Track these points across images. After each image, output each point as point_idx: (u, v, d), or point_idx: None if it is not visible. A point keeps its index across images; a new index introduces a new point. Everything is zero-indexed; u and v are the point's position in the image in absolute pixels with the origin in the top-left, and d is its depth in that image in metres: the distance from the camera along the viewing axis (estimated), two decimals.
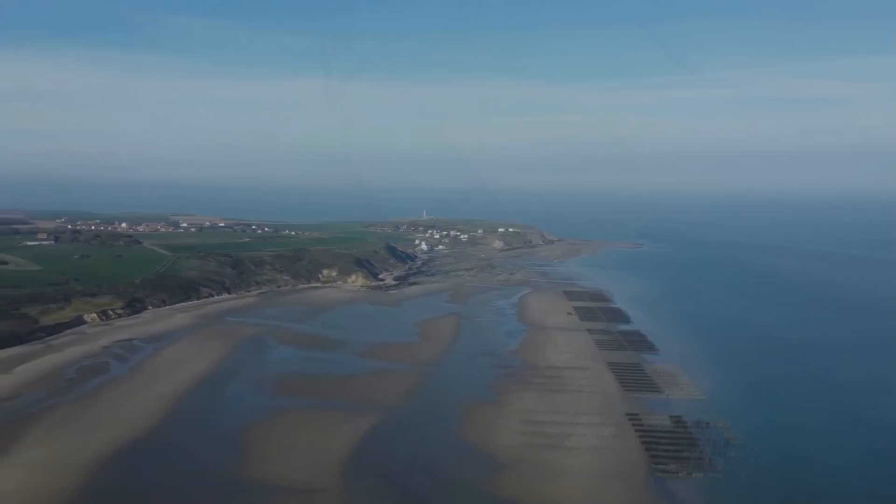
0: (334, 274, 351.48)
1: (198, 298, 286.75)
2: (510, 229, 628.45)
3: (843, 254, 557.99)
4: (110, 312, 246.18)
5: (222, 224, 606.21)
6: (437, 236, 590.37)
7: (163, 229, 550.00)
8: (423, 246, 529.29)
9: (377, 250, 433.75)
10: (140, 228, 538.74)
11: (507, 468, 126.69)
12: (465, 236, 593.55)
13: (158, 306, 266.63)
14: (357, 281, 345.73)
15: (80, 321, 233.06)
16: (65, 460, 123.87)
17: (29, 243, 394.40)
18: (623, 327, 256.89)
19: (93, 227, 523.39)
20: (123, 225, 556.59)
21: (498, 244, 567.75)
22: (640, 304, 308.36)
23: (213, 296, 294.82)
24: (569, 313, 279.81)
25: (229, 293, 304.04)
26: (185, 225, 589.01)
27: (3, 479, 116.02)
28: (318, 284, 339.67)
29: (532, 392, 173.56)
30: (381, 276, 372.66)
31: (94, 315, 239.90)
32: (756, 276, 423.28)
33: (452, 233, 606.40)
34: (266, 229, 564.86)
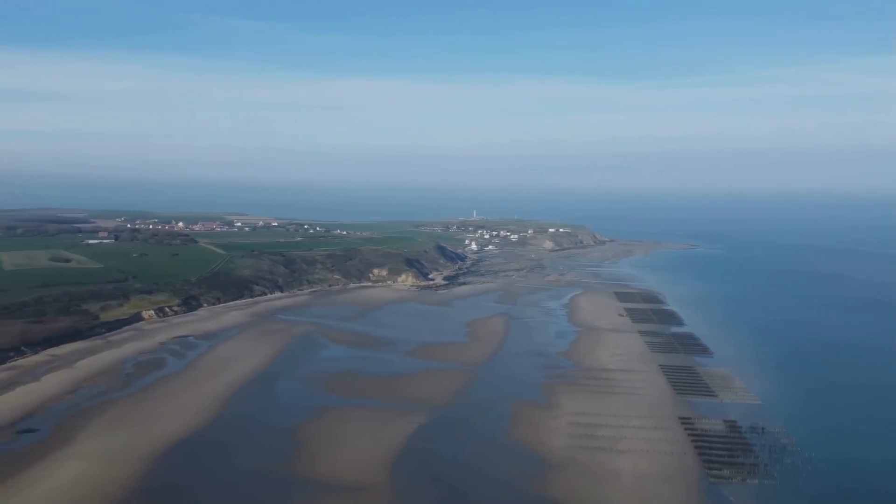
0: (385, 273, 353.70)
1: (251, 296, 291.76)
2: (561, 230, 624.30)
3: (891, 254, 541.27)
4: (167, 310, 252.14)
5: (275, 224, 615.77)
6: (487, 236, 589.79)
7: (218, 228, 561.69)
8: (473, 246, 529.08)
9: (427, 250, 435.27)
10: (196, 228, 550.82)
11: (557, 469, 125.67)
12: (516, 236, 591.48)
13: (213, 304, 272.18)
14: (407, 280, 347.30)
15: (138, 318, 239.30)
16: (123, 452, 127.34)
17: (90, 241, 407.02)
18: (676, 329, 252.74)
19: (151, 226, 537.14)
20: (180, 224, 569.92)
21: (548, 244, 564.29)
22: (694, 306, 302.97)
23: (266, 294, 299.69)
24: (620, 315, 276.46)
25: (282, 291, 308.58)
26: (239, 224, 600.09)
27: (65, 468, 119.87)
28: (369, 284, 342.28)
29: (582, 393, 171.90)
30: (431, 276, 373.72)
31: (152, 312, 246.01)
32: (809, 277, 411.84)
33: (502, 233, 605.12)
34: (318, 229, 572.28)
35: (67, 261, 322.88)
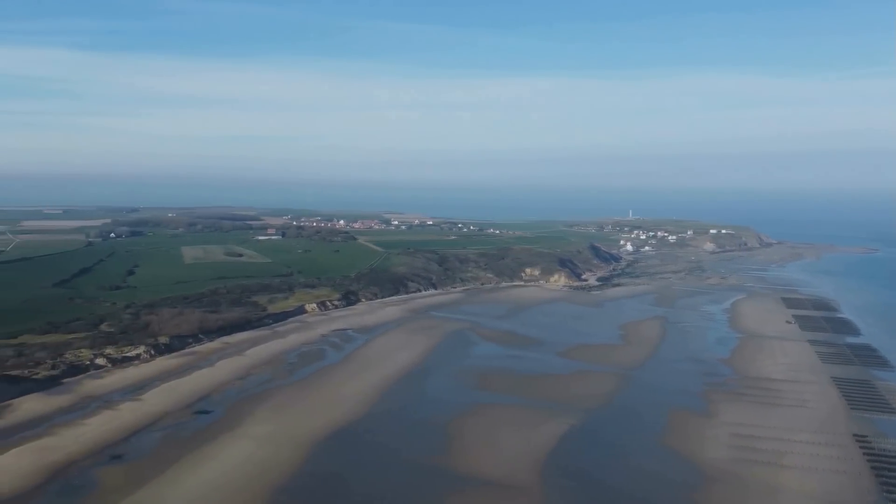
0: (536, 273, 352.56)
1: (406, 293, 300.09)
2: (722, 231, 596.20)
3: None
4: (328, 303, 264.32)
5: (430, 222, 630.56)
6: (643, 237, 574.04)
7: (376, 226, 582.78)
8: (628, 247, 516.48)
9: (580, 250, 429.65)
10: (356, 225, 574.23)
11: (714, 482, 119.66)
12: (673, 237, 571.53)
13: (370, 299, 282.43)
14: (559, 280, 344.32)
15: (301, 310, 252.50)
16: (287, 436, 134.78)
17: (259, 238, 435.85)
18: (851, 340, 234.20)
19: (314, 224, 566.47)
20: (341, 222, 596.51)
21: (709, 246, 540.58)
22: (872, 314, 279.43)
23: (420, 291, 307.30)
24: (787, 322, 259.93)
25: (435, 289, 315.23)
26: (396, 223, 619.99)
27: (235, 449, 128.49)
28: (521, 283, 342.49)
29: (744, 403, 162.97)
30: (583, 277, 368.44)
31: (314, 305, 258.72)
32: None
33: (659, 233, 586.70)
34: (471, 228, 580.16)
35: (240, 255, 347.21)
